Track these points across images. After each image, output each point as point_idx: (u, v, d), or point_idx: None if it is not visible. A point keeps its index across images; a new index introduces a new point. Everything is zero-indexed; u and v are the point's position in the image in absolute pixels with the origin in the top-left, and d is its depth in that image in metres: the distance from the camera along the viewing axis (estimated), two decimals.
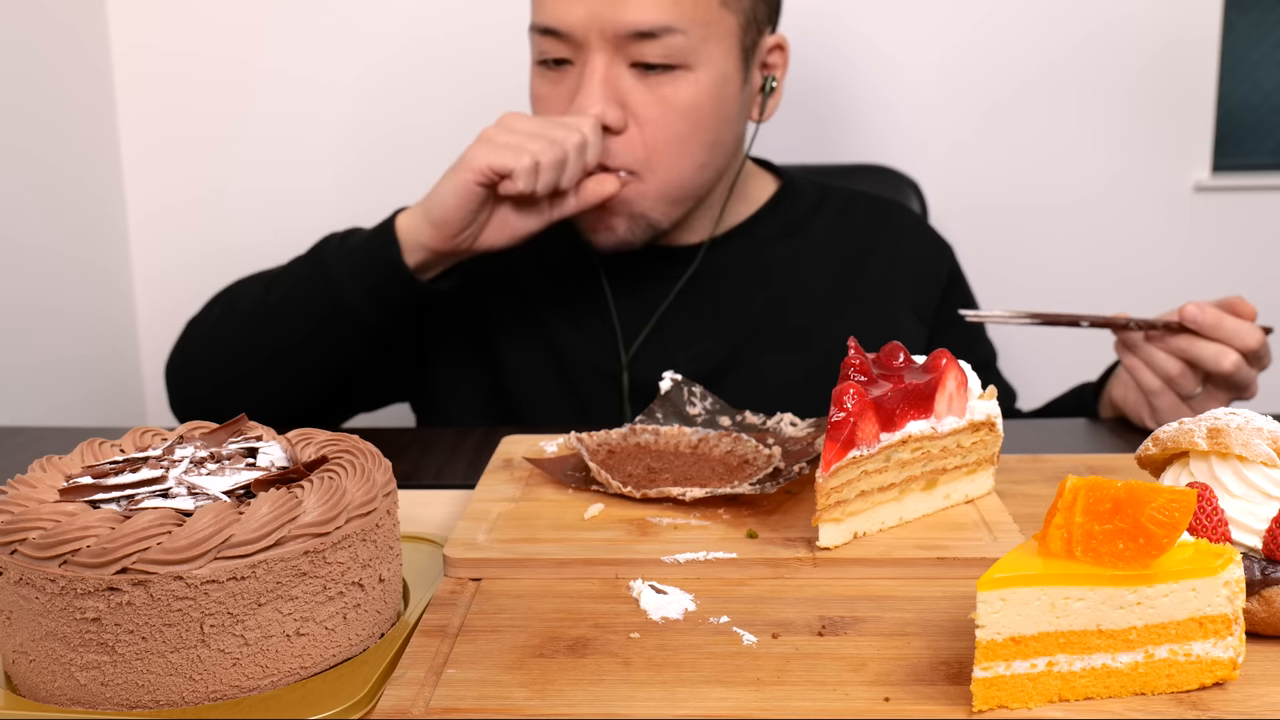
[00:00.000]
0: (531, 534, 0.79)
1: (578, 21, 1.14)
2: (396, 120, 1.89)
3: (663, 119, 1.17)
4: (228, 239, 1.92)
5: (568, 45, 1.17)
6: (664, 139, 1.18)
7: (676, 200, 1.22)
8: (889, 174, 1.70)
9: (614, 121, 1.16)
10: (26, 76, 1.66)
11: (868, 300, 1.32)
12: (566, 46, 1.17)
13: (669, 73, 1.16)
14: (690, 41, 1.15)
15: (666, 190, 1.20)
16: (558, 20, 1.16)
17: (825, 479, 0.73)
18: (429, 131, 1.89)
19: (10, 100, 1.62)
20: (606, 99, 1.15)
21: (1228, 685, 0.61)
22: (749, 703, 0.59)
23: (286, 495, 0.62)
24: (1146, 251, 1.92)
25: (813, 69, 1.84)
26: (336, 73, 1.88)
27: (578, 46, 1.16)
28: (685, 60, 1.16)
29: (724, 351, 1.28)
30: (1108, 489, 0.58)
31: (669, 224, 1.24)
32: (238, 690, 0.61)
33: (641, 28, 1.13)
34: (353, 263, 1.15)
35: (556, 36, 1.17)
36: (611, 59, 1.15)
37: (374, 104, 1.89)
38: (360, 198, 1.91)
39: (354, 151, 1.91)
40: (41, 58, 1.69)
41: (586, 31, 1.14)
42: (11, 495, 0.64)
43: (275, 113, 1.89)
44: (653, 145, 1.18)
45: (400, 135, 1.90)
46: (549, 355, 1.30)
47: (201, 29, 1.86)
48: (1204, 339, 1.05)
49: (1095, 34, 1.84)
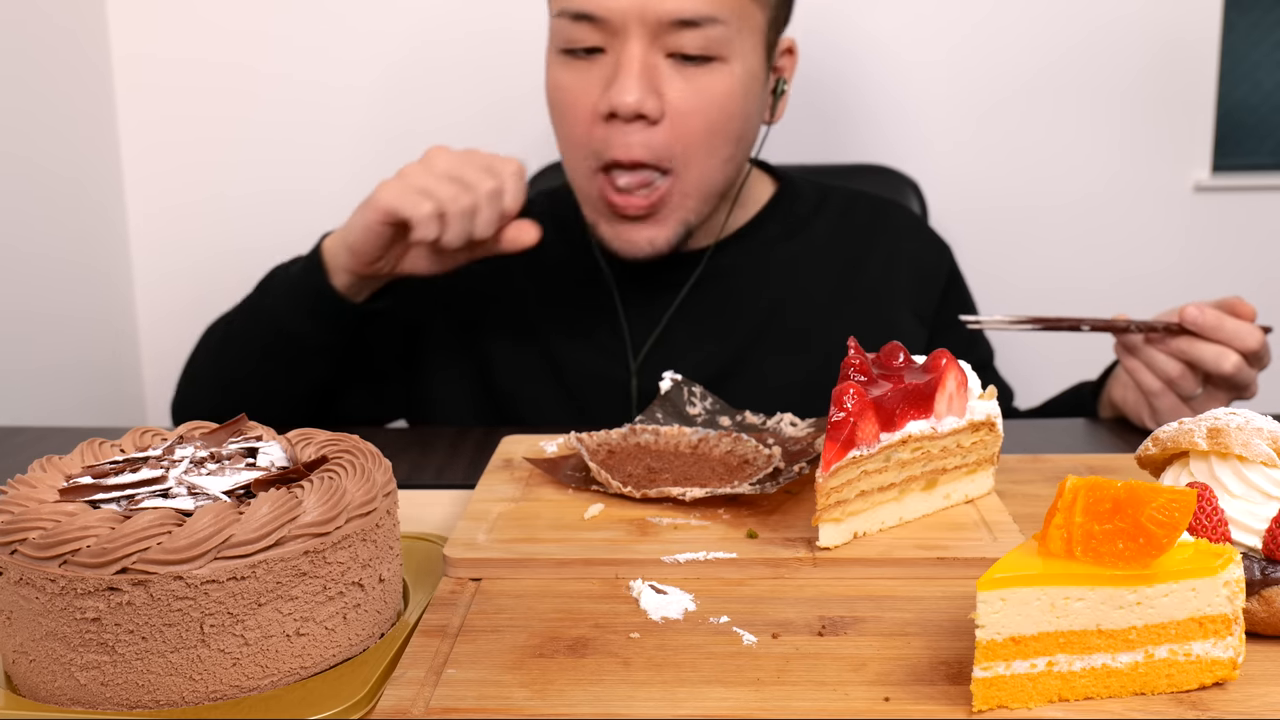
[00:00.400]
0: (531, 534, 0.79)
1: (618, 6, 1.11)
2: (399, 125, 1.89)
3: (698, 110, 1.15)
4: (227, 242, 1.93)
5: (602, 32, 1.13)
6: (698, 131, 1.15)
7: (708, 197, 1.21)
8: (890, 174, 1.70)
9: (652, 111, 1.13)
10: (27, 82, 1.66)
11: (868, 301, 1.32)
12: (600, 33, 1.14)
13: (705, 64, 1.14)
14: (728, 33, 1.14)
15: (701, 186, 1.19)
16: (596, 5, 1.12)
17: (825, 479, 0.73)
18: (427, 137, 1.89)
19: (10, 105, 1.62)
20: (645, 88, 1.12)
21: (1228, 685, 0.61)
22: (749, 703, 0.59)
23: (286, 495, 0.62)
24: (1146, 252, 1.92)
25: (813, 70, 1.84)
26: (336, 78, 1.88)
27: (613, 34, 1.13)
28: (721, 52, 1.14)
29: (727, 355, 1.28)
30: (1108, 489, 0.58)
31: (698, 223, 1.23)
32: (238, 690, 0.61)
33: (684, 15, 1.11)
34: (290, 289, 1.17)
35: (591, 22, 1.13)
36: (649, 47, 1.13)
37: (376, 109, 1.89)
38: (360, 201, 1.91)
39: (355, 155, 1.91)
40: (41, 63, 1.69)
41: (626, 17, 1.11)
42: (11, 495, 0.64)
43: (274, 117, 1.89)
44: (686, 138, 1.15)
45: (403, 141, 1.90)
46: (549, 365, 1.29)
47: (201, 34, 1.86)
48: (1204, 340, 1.05)
49: (1095, 34, 1.84)
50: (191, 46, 1.86)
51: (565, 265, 1.31)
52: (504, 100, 1.86)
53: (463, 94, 1.88)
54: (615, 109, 1.13)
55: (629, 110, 1.12)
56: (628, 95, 1.11)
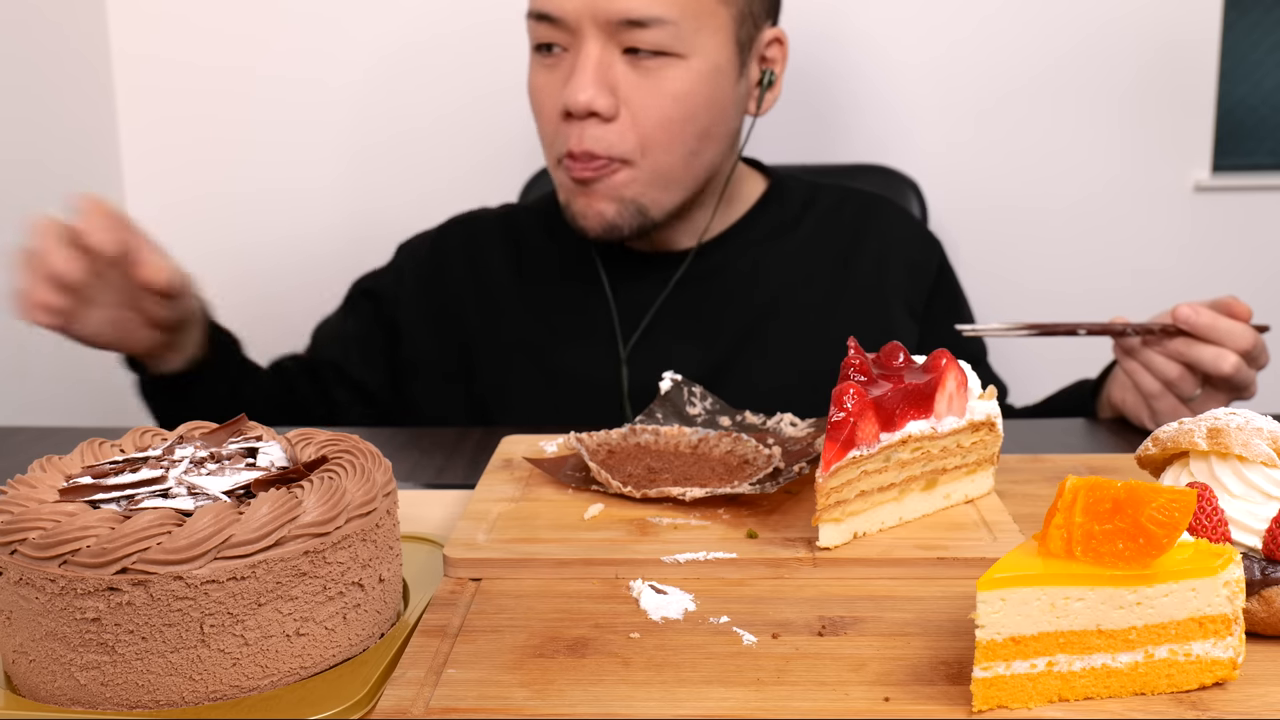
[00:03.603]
0: (531, 534, 0.79)
1: (571, 7, 1.15)
2: (394, 123, 1.90)
3: (654, 105, 1.17)
4: (227, 242, 1.93)
5: (562, 31, 1.17)
6: (655, 125, 1.18)
7: (666, 187, 1.22)
8: (889, 174, 1.70)
9: (604, 109, 1.16)
10: (26, 83, 1.66)
11: (861, 298, 1.32)
12: (560, 32, 1.17)
13: (660, 59, 1.16)
14: (682, 32, 1.16)
15: (656, 175, 1.20)
16: (552, 5, 1.16)
17: (825, 479, 0.73)
18: (422, 135, 1.90)
19: (10, 105, 1.62)
20: (598, 85, 1.15)
21: (1228, 685, 0.61)
22: (749, 703, 0.59)
23: (286, 495, 0.62)
24: (1146, 252, 1.92)
25: (812, 69, 1.84)
26: (334, 77, 1.88)
27: (571, 32, 1.17)
28: (677, 49, 1.16)
29: (718, 355, 1.28)
30: (1108, 489, 0.58)
31: (660, 213, 1.23)
32: (238, 690, 0.61)
33: (633, 15, 1.14)
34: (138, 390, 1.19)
35: (551, 22, 1.17)
36: (604, 45, 1.16)
37: (371, 107, 1.89)
38: (359, 201, 1.92)
39: (352, 155, 1.91)
40: (41, 64, 1.69)
41: (579, 17, 1.15)
42: (11, 495, 0.64)
43: (274, 118, 1.89)
44: (644, 132, 1.18)
45: (398, 138, 1.90)
46: (536, 361, 1.30)
47: (200, 35, 1.86)
48: (1203, 342, 1.05)
49: (1095, 34, 1.84)
50: (191, 48, 1.86)
51: (554, 262, 1.32)
52: (493, 97, 1.86)
53: (454, 92, 1.88)
54: (569, 107, 1.16)
55: (581, 109, 1.15)
56: (579, 94, 1.15)
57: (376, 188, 1.91)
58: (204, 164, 1.91)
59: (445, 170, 1.90)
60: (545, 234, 1.35)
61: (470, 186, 1.78)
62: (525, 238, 1.36)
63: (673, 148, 1.19)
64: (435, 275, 1.36)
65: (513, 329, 1.31)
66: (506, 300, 1.33)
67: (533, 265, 1.34)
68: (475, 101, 1.88)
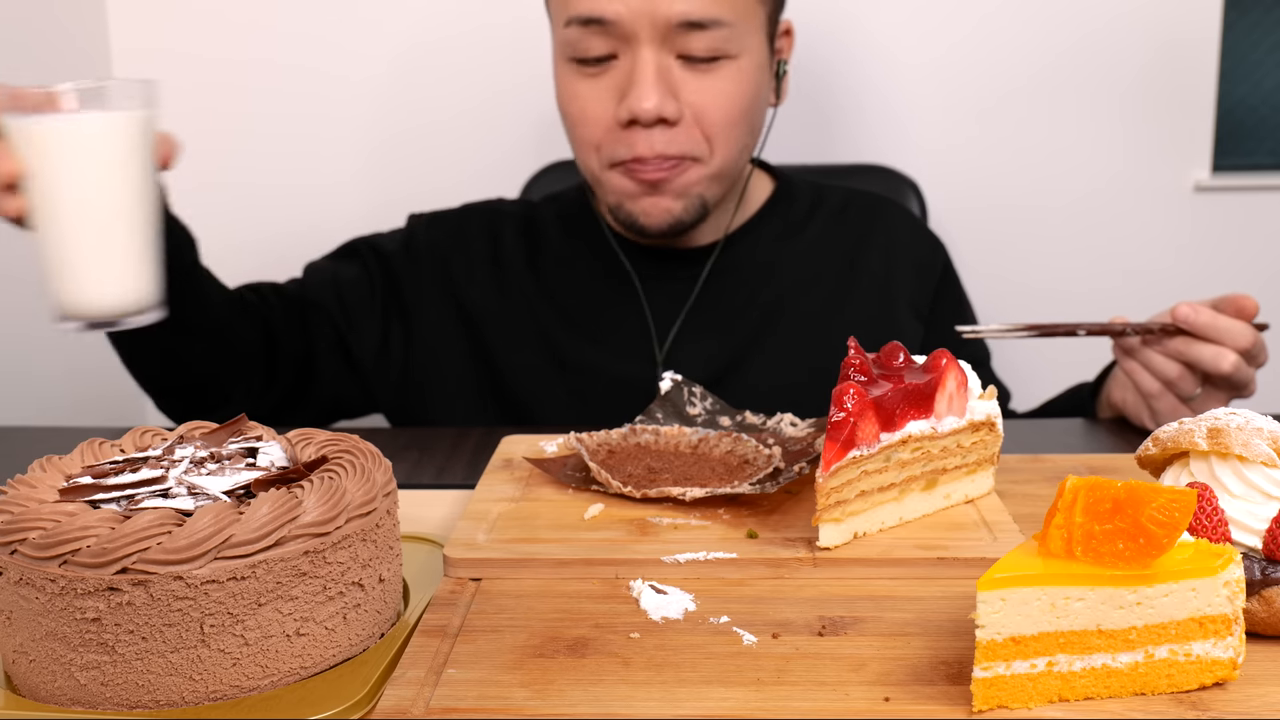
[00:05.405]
0: (531, 534, 0.79)
1: (627, 11, 1.12)
2: (402, 119, 1.89)
3: (715, 106, 1.17)
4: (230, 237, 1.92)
5: (611, 38, 1.15)
6: (718, 125, 1.18)
7: (724, 180, 1.24)
8: (889, 174, 1.70)
9: (671, 114, 1.15)
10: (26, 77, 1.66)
11: (867, 299, 1.32)
12: (610, 40, 1.15)
13: (716, 63, 1.17)
14: (734, 33, 1.16)
15: (721, 170, 1.22)
16: (604, 10, 1.13)
17: (825, 479, 0.73)
18: (430, 130, 1.89)
19: None
20: (662, 92, 1.14)
21: (1228, 685, 0.61)
22: (749, 703, 0.59)
23: (286, 495, 0.62)
24: (1146, 251, 1.92)
25: (812, 69, 1.84)
26: (339, 70, 1.88)
27: (623, 39, 1.14)
28: (729, 50, 1.16)
29: (730, 354, 1.28)
30: (1108, 489, 0.58)
31: (714, 206, 1.25)
32: (238, 690, 0.61)
33: (692, 18, 1.13)
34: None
35: (600, 28, 1.14)
36: (659, 51, 1.14)
37: (379, 102, 1.89)
38: (371, 194, 1.91)
39: (359, 148, 1.91)
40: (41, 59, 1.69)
41: (635, 22, 1.13)
42: (11, 495, 0.64)
43: (279, 110, 1.89)
44: (709, 132, 1.19)
45: (406, 133, 1.90)
46: (560, 363, 1.29)
47: (201, 29, 1.86)
48: (1202, 341, 1.05)
49: (1095, 34, 1.84)
50: (191, 41, 1.86)
51: (577, 263, 1.32)
52: (506, 93, 1.86)
53: (466, 87, 1.88)
54: (636, 116, 1.15)
55: (650, 116, 1.14)
56: (646, 101, 1.13)
57: (390, 181, 1.91)
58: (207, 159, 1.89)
59: (463, 166, 1.90)
60: (564, 233, 1.34)
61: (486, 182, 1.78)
62: (544, 233, 1.35)
63: (732, 143, 1.21)
64: (454, 248, 1.33)
65: (531, 319, 1.30)
66: (524, 289, 1.31)
67: (552, 260, 1.33)
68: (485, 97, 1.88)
